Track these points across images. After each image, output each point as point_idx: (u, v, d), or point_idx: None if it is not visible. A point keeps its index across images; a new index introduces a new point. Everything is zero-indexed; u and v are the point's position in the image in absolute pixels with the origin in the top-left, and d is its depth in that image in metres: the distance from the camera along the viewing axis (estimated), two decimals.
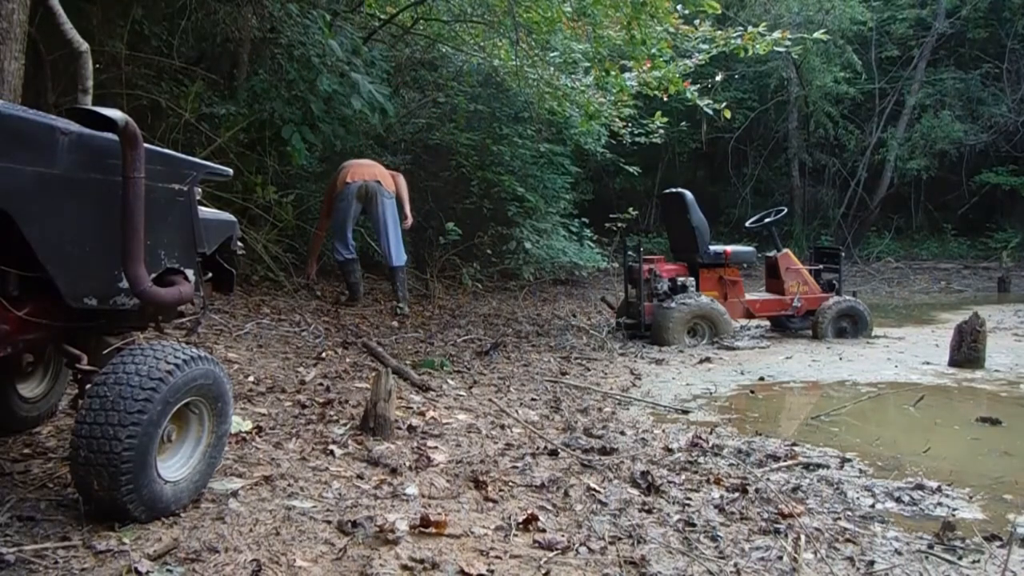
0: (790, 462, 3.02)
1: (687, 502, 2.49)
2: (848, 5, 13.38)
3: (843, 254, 7.31)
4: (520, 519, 2.20)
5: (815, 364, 5.35)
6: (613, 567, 1.96)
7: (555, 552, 2.01)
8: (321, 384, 3.65)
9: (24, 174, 1.71)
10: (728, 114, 6.81)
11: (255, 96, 5.86)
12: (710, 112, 6.85)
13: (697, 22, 6.61)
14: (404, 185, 6.42)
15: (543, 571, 1.91)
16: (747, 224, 7.46)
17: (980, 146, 14.36)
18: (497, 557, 1.96)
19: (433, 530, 2.06)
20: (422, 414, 3.34)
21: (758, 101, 15.21)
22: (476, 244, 8.63)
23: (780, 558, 2.08)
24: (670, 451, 3.11)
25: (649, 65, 6.43)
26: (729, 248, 6.57)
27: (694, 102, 6.66)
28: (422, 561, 1.88)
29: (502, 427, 3.30)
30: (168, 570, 1.72)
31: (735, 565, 2.02)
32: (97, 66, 4.49)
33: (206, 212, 2.39)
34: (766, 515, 2.40)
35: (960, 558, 2.15)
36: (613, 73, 6.79)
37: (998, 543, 2.24)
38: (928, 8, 14.77)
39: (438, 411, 3.43)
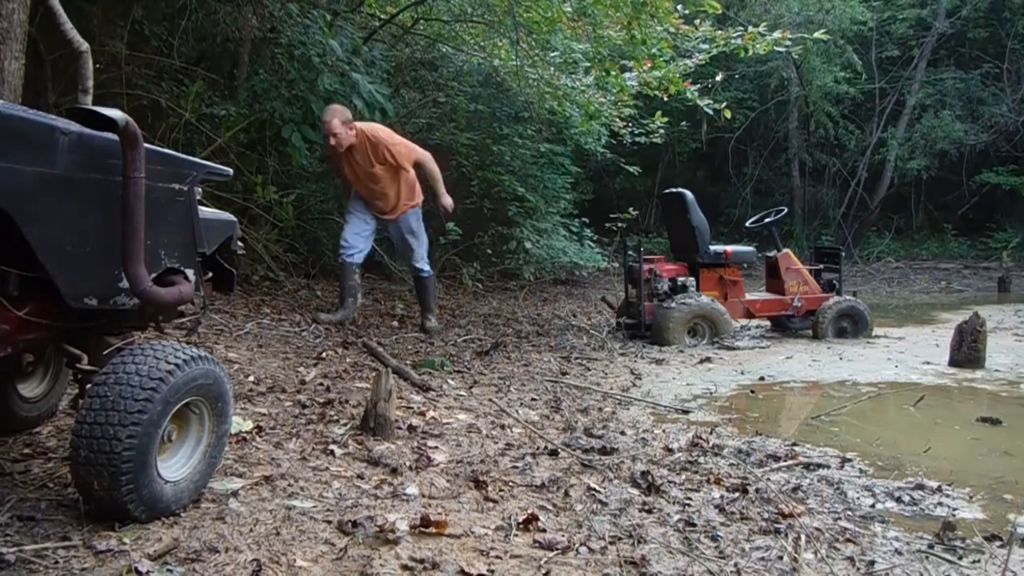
0: (790, 462, 3.03)
1: (687, 502, 2.49)
2: (848, 5, 13.38)
3: (843, 254, 7.31)
4: (520, 519, 2.20)
5: (815, 364, 5.35)
6: (613, 567, 1.96)
7: (555, 552, 2.01)
8: (321, 384, 3.65)
9: (24, 174, 1.71)
10: (728, 114, 6.81)
11: (255, 96, 5.86)
12: (710, 112, 6.85)
13: (697, 22, 6.61)
14: None
15: (543, 571, 1.91)
16: (747, 224, 7.47)
17: (980, 146, 14.36)
18: (497, 557, 1.96)
19: (433, 530, 2.06)
20: (422, 414, 3.34)
21: (758, 101, 15.21)
22: (476, 244, 8.63)
23: (780, 558, 2.08)
24: (670, 451, 3.11)
25: (649, 65, 6.43)
26: (729, 248, 6.57)
27: (694, 102, 6.66)
28: (422, 561, 1.88)
29: (502, 427, 3.30)
30: (168, 570, 1.72)
31: (735, 565, 2.02)
32: (97, 66, 4.49)
33: (206, 212, 2.39)
34: (766, 515, 2.40)
35: (960, 558, 2.15)
36: (613, 73, 6.79)
37: (998, 543, 2.24)
38: (928, 8, 14.77)
39: (438, 411, 3.43)
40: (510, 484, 2.52)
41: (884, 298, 10.63)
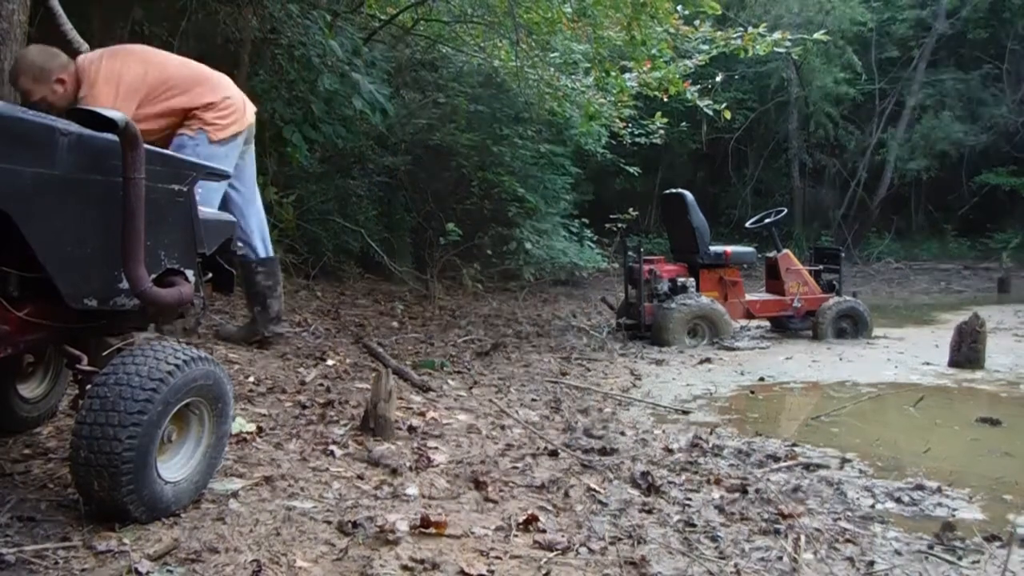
0: (790, 462, 3.03)
1: (687, 502, 2.49)
2: (848, 6, 13.40)
3: (843, 255, 7.31)
4: (520, 519, 2.19)
5: (815, 364, 5.34)
6: (613, 567, 1.96)
7: (555, 552, 2.01)
8: (321, 384, 3.64)
9: (24, 175, 1.71)
10: (728, 115, 6.83)
11: (255, 96, 5.84)
12: (710, 113, 6.86)
13: (697, 23, 6.62)
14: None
15: (543, 571, 1.91)
16: (747, 224, 7.47)
17: (980, 147, 14.36)
18: (497, 557, 1.96)
19: (433, 530, 2.06)
20: (422, 414, 3.34)
21: (758, 102, 15.21)
22: (476, 245, 8.62)
23: (780, 558, 2.08)
24: (670, 451, 3.11)
25: (649, 66, 6.44)
26: (729, 249, 6.57)
27: (694, 103, 6.68)
28: (422, 561, 1.87)
29: (502, 427, 3.30)
30: (168, 570, 1.72)
31: (735, 565, 2.02)
32: None
33: (206, 212, 2.39)
34: (766, 515, 2.40)
35: (960, 558, 2.15)
36: (613, 74, 6.80)
37: (998, 543, 2.24)
38: (928, 9, 14.78)
39: (438, 411, 3.42)
40: (510, 484, 2.52)
41: (884, 299, 10.63)
